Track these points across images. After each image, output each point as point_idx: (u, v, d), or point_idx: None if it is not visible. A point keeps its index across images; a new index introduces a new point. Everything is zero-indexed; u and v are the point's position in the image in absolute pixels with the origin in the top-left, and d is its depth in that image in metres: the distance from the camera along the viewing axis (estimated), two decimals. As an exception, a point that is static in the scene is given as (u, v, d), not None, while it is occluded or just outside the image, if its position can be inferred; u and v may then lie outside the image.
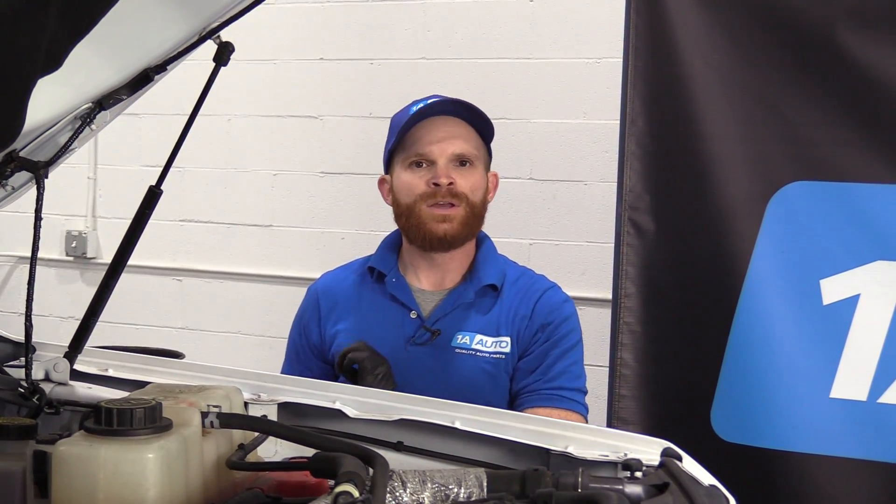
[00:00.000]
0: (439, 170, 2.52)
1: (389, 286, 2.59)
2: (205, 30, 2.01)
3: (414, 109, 2.59)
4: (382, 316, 2.58)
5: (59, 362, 2.07)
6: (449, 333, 2.53)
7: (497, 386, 2.53)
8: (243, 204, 5.01)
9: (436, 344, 2.51)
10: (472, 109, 2.61)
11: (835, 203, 2.79)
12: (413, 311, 2.56)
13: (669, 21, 2.88)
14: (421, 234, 2.53)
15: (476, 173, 2.57)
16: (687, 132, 2.89)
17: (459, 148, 2.55)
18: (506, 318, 2.56)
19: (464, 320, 2.55)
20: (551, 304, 2.59)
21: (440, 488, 1.55)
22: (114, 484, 1.41)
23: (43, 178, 1.98)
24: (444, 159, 2.53)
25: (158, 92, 2.21)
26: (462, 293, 2.57)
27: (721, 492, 1.70)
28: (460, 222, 2.52)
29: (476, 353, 2.52)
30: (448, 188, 2.50)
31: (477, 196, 2.56)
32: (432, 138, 2.54)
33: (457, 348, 2.52)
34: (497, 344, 2.53)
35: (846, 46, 2.75)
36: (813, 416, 2.79)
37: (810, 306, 2.79)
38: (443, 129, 2.56)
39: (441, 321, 2.54)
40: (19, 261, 5.35)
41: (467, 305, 2.56)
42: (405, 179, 2.56)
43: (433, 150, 2.53)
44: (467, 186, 2.53)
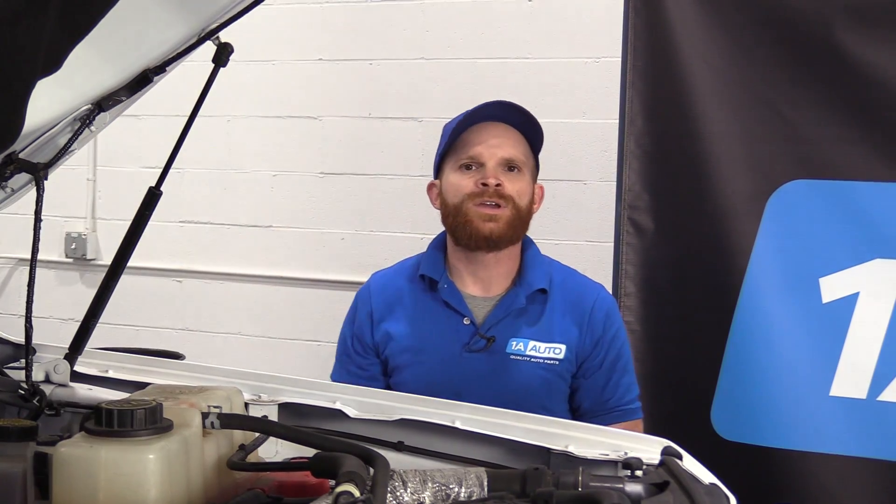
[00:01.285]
0: (488, 171, 2.54)
1: (442, 293, 2.60)
2: (204, 31, 2.01)
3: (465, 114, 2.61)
4: (436, 322, 2.58)
5: (59, 364, 2.07)
6: (503, 340, 2.54)
7: (552, 391, 2.54)
8: (243, 205, 5.01)
9: (491, 350, 2.52)
10: (525, 115, 2.62)
11: (834, 201, 2.79)
12: (466, 317, 2.56)
13: (668, 20, 2.89)
14: (467, 232, 2.54)
15: (523, 179, 2.58)
16: (686, 131, 2.90)
17: (509, 153, 2.56)
18: (558, 324, 2.57)
19: (517, 326, 2.56)
20: (605, 312, 2.60)
21: (441, 488, 1.55)
22: (115, 485, 1.41)
23: (42, 180, 1.98)
24: (493, 162, 2.55)
25: (158, 93, 2.21)
26: (513, 299, 2.58)
27: (721, 490, 1.70)
28: (506, 223, 2.53)
29: (531, 359, 2.53)
30: (496, 189, 2.52)
31: (523, 201, 2.58)
32: (483, 142, 2.57)
33: (511, 355, 2.53)
34: (550, 350, 2.55)
35: (844, 45, 2.75)
36: (813, 415, 2.79)
37: (810, 304, 2.80)
38: (493, 134, 2.58)
39: (494, 328, 2.55)
40: (19, 262, 5.35)
41: (519, 311, 2.57)
42: (454, 181, 2.59)
43: (483, 153, 2.56)
44: (514, 190, 2.55)
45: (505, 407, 2.25)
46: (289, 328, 4.82)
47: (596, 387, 2.56)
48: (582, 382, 2.56)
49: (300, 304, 4.79)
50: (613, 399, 2.56)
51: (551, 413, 2.45)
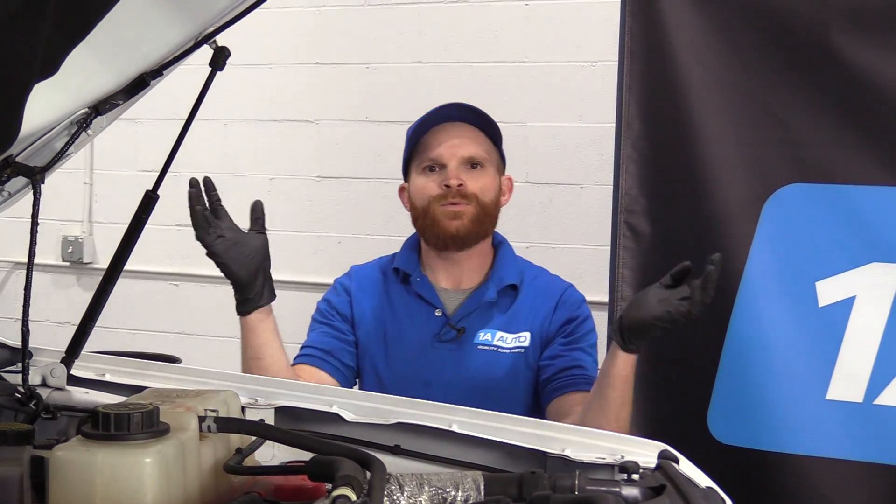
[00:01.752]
0: (450, 172, 2.62)
1: (415, 285, 2.70)
2: (201, 34, 2.01)
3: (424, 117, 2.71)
4: (408, 313, 2.68)
5: (56, 367, 2.07)
6: (472, 331, 2.63)
7: (517, 380, 2.61)
8: (239, 208, 4.98)
9: (460, 341, 2.61)
10: (479, 114, 2.71)
11: (830, 205, 2.79)
12: (438, 309, 2.66)
13: (664, 24, 2.89)
14: (435, 232, 2.63)
15: (486, 175, 2.66)
16: (682, 135, 2.89)
17: (469, 151, 2.65)
18: (525, 314, 2.66)
19: (486, 319, 2.65)
20: (573, 302, 2.70)
21: (437, 491, 1.55)
22: (111, 489, 1.41)
23: (39, 184, 1.98)
24: (454, 162, 2.63)
25: (155, 97, 2.22)
26: (484, 292, 2.67)
27: (718, 494, 1.70)
28: (471, 219, 2.61)
29: (497, 349, 2.62)
30: (458, 189, 2.60)
31: (488, 196, 2.65)
32: (443, 143, 2.65)
33: (479, 345, 2.62)
34: (516, 339, 2.63)
35: (841, 49, 2.75)
36: (809, 418, 2.79)
37: (806, 308, 2.80)
38: (453, 134, 2.66)
39: (465, 319, 2.64)
40: (15, 266, 5.35)
41: (489, 304, 2.66)
42: (419, 184, 2.68)
43: (444, 154, 2.64)
44: (477, 187, 2.63)
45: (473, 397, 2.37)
46: (286, 331, 4.79)
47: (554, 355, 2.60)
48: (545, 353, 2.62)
49: (296, 307, 4.77)
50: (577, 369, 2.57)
51: (518, 404, 2.56)
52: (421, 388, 2.51)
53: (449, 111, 2.70)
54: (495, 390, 2.57)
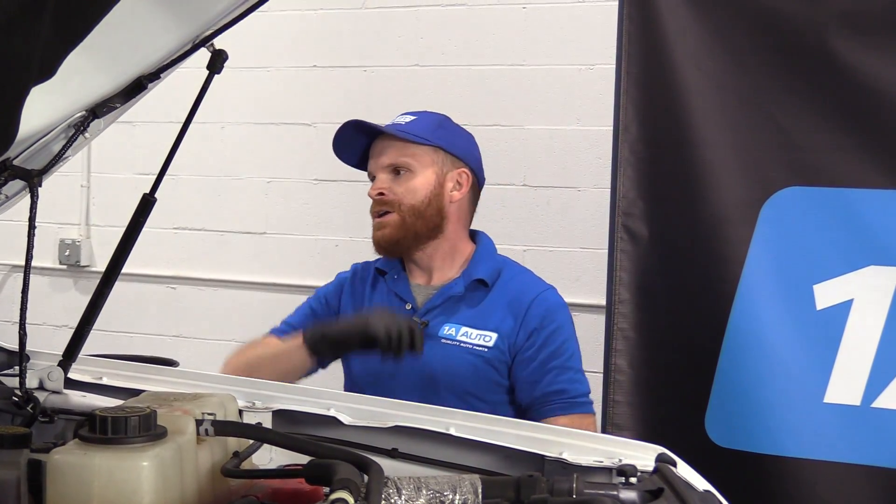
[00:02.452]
0: (374, 184, 2.75)
1: (389, 282, 2.76)
2: (198, 38, 2.01)
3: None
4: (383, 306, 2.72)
5: (53, 371, 2.06)
6: (437, 325, 2.65)
7: (479, 378, 2.61)
8: (237, 211, 5.01)
9: (426, 334, 2.59)
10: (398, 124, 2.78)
11: (828, 208, 2.79)
12: (408, 303, 2.71)
13: (662, 27, 2.89)
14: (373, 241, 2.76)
15: (414, 177, 2.71)
16: (680, 138, 2.90)
17: (388, 159, 2.73)
18: (494, 315, 2.66)
19: (452, 313, 2.68)
20: (543, 309, 2.67)
21: (435, 495, 1.55)
22: (108, 492, 1.41)
23: (36, 187, 1.97)
24: (381, 173, 2.74)
25: (152, 100, 2.22)
26: (452, 287, 2.70)
27: (716, 497, 1.70)
28: (394, 227, 2.70)
29: (460, 343, 2.63)
30: (377, 199, 2.73)
31: (416, 198, 2.70)
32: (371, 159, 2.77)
33: (443, 339, 2.64)
34: (481, 337, 2.64)
35: (838, 52, 2.76)
36: (807, 421, 2.79)
37: (804, 311, 2.80)
38: (375, 149, 2.77)
39: (431, 313, 2.67)
40: (13, 269, 5.35)
41: (457, 299, 2.69)
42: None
43: (371, 168, 2.78)
44: (399, 191, 2.70)
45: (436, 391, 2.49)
46: (283, 335, 4.81)
47: (534, 380, 2.62)
48: (518, 374, 2.63)
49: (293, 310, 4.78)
50: (555, 394, 2.61)
51: (485, 403, 2.58)
52: (386, 379, 2.57)
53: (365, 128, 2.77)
54: (457, 385, 2.58)
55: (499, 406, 2.60)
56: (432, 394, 2.52)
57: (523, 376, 2.62)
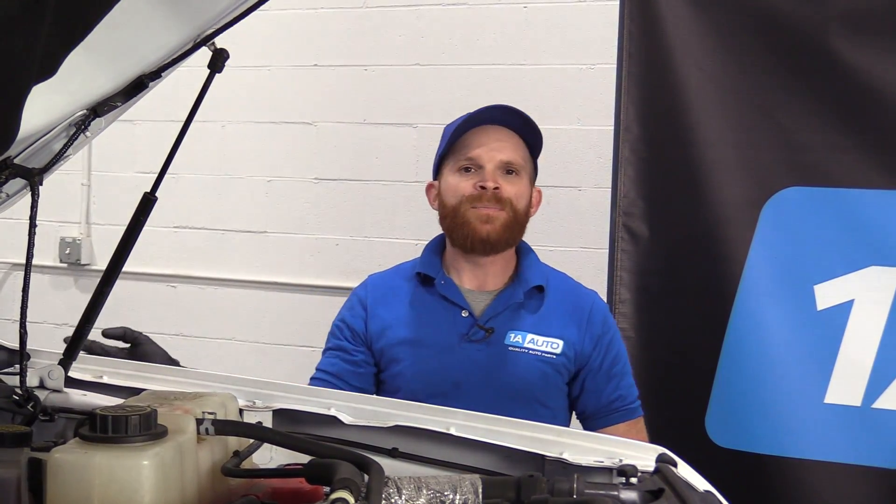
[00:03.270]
0: (486, 174, 2.57)
1: (439, 287, 2.63)
2: (199, 36, 2.00)
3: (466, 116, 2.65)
4: (433, 315, 2.62)
5: (53, 369, 2.06)
6: (501, 332, 2.57)
7: (548, 385, 2.57)
8: (237, 210, 5.01)
9: (489, 342, 2.55)
10: (525, 120, 2.66)
11: (828, 209, 2.80)
12: (464, 310, 2.60)
13: (663, 27, 2.89)
14: (464, 233, 2.58)
15: (521, 182, 2.62)
16: (681, 138, 2.90)
17: (508, 156, 2.60)
18: (556, 319, 2.61)
19: (515, 320, 2.59)
20: (602, 313, 2.66)
21: (435, 495, 1.55)
22: (109, 491, 1.41)
23: (37, 185, 1.97)
24: (491, 165, 2.58)
25: (153, 99, 2.21)
26: (512, 294, 2.61)
27: (716, 497, 1.70)
28: (503, 225, 2.57)
29: (529, 351, 2.56)
30: (493, 192, 2.56)
31: (521, 204, 2.61)
32: (482, 144, 2.60)
33: (510, 346, 2.56)
34: (548, 344, 2.58)
35: (839, 52, 2.76)
36: (807, 422, 2.80)
37: (804, 312, 2.80)
38: (493, 137, 2.61)
39: (493, 320, 2.58)
40: (13, 267, 5.34)
41: (517, 306, 2.60)
42: (452, 182, 2.62)
43: (482, 155, 2.59)
44: (512, 193, 2.58)
45: (503, 399, 2.35)
46: (283, 334, 4.81)
47: (600, 389, 2.59)
48: (587, 385, 2.60)
49: (295, 309, 4.78)
50: (617, 401, 2.60)
51: (547, 409, 2.54)
52: (450, 389, 2.48)
53: (493, 113, 2.64)
54: (526, 393, 2.52)
55: (559, 412, 2.58)
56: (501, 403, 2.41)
57: (591, 385, 2.60)
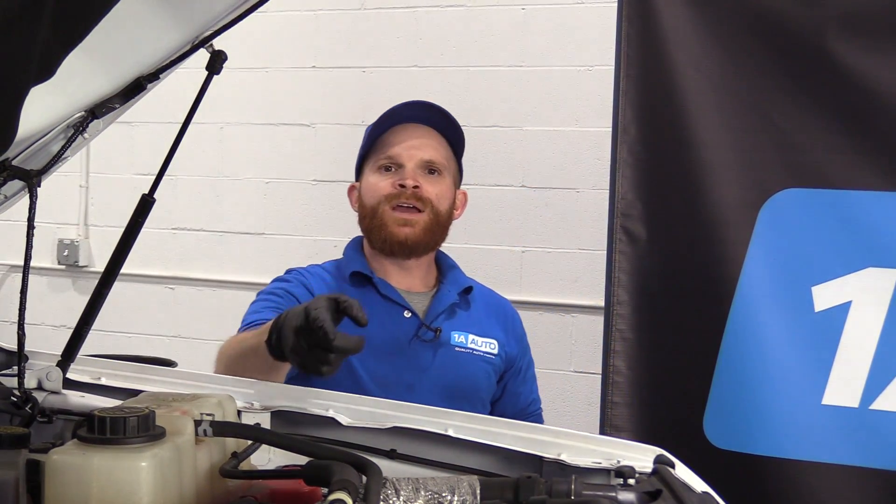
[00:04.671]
0: (406, 173, 2.53)
1: (380, 287, 2.57)
2: (197, 38, 2.01)
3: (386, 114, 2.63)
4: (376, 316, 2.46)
5: (51, 371, 2.06)
6: (446, 332, 2.54)
7: (491, 384, 2.57)
8: (235, 212, 5.01)
9: (438, 342, 2.52)
10: (447, 118, 2.62)
11: (826, 210, 2.80)
12: (407, 310, 2.55)
13: (661, 29, 2.89)
14: (382, 236, 2.53)
15: (443, 183, 2.58)
16: (679, 140, 2.90)
17: (429, 155, 2.56)
18: (485, 320, 2.62)
19: (455, 320, 2.58)
20: (519, 319, 2.69)
21: (433, 496, 1.55)
22: (107, 492, 1.41)
23: (35, 187, 1.97)
24: (412, 163, 2.54)
25: (151, 100, 2.21)
26: (447, 294, 2.59)
27: (714, 499, 1.70)
28: (423, 228, 2.52)
29: (473, 351, 2.55)
30: (413, 191, 2.51)
31: (443, 205, 2.56)
32: (403, 143, 2.56)
33: (456, 346, 2.54)
34: (486, 344, 2.58)
35: (837, 54, 2.76)
36: (805, 423, 2.79)
37: (802, 313, 2.80)
38: (414, 135, 2.57)
39: (437, 320, 2.55)
40: (11, 269, 5.35)
41: (454, 306, 2.59)
42: (372, 181, 2.58)
43: (402, 153, 2.55)
44: (433, 193, 2.54)
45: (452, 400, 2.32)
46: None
47: (519, 391, 2.63)
48: (508, 387, 2.61)
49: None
50: (532, 405, 2.65)
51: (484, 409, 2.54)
52: (403, 393, 2.41)
53: (414, 111, 2.61)
54: (473, 393, 2.51)
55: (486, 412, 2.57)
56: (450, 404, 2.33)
57: (512, 387, 2.61)
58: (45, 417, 1.95)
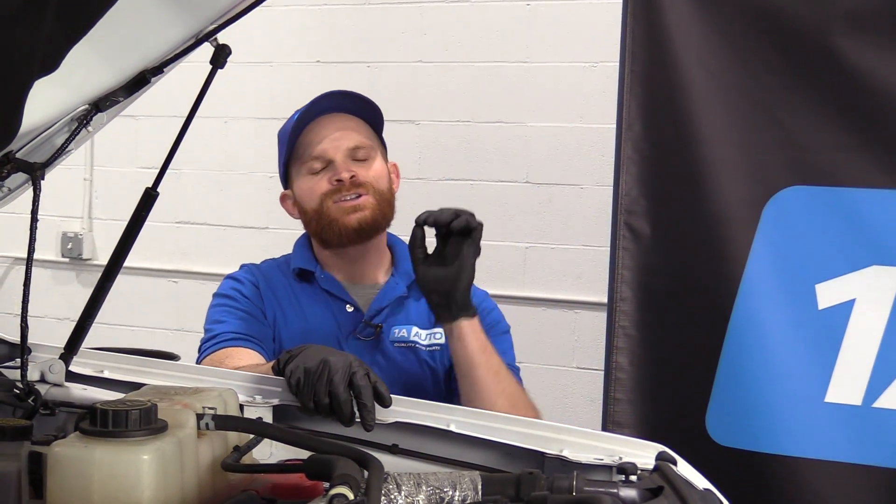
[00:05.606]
0: (338, 166, 2.50)
1: (321, 282, 2.55)
2: (202, 32, 2.01)
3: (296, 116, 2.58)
4: (318, 311, 2.53)
5: (54, 364, 2.06)
6: (385, 328, 2.51)
7: (436, 379, 2.52)
8: (239, 206, 5.01)
9: (376, 339, 2.49)
10: (353, 98, 2.60)
11: (830, 208, 2.79)
12: (349, 304, 2.53)
13: (666, 26, 2.89)
14: (336, 231, 2.49)
15: (376, 163, 2.56)
16: (683, 137, 2.90)
17: (353, 141, 2.53)
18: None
19: (399, 314, 2.54)
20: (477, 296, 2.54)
21: (435, 491, 1.55)
22: (109, 485, 1.41)
23: (39, 180, 1.97)
24: (340, 155, 2.51)
25: (155, 94, 2.21)
26: (394, 287, 2.56)
27: (716, 496, 1.70)
28: (371, 209, 2.49)
29: (415, 345, 2.51)
30: (351, 181, 2.48)
31: (382, 184, 2.54)
32: (324, 138, 2.53)
33: (395, 342, 2.50)
34: (431, 336, 2.53)
35: (842, 51, 2.75)
36: (808, 421, 2.79)
37: (805, 311, 2.80)
38: (332, 127, 2.54)
39: (378, 315, 2.52)
40: (15, 262, 5.35)
41: (401, 299, 2.55)
42: (306, 186, 2.55)
43: (327, 148, 2.52)
44: (370, 176, 2.51)
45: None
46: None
47: None
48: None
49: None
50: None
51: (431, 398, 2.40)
52: None
53: (321, 104, 2.57)
54: (414, 387, 2.44)
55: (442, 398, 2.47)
56: None
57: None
58: (47, 410, 1.95)
